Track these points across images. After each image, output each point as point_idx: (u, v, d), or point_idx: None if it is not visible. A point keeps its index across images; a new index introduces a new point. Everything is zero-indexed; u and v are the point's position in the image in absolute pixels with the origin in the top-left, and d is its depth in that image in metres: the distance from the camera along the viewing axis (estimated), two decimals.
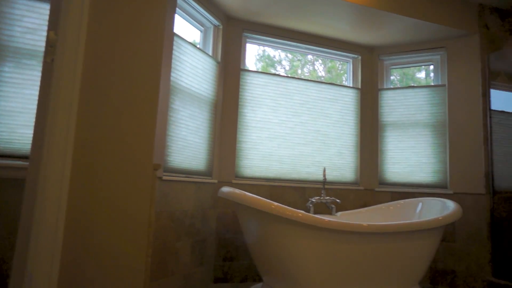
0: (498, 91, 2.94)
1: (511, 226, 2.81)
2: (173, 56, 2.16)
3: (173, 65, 2.17)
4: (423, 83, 3.27)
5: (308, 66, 4.39)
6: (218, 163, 2.66)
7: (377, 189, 3.03)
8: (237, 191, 1.96)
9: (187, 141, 2.32)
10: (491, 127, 2.80)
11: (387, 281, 2.04)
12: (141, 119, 1.27)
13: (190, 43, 2.35)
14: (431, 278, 2.76)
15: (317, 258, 1.87)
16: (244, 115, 2.78)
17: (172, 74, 2.16)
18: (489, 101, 2.82)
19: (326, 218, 1.88)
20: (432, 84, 3.14)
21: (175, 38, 2.18)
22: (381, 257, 1.99)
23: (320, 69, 4.59)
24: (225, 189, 2.05)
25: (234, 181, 2.66)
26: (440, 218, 2.13)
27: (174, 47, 2.17)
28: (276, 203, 1.83)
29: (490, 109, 2.81)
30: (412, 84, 3.25)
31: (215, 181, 2.59)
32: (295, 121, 2.91)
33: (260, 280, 2.43)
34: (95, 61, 1.20)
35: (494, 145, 2.81)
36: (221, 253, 2.56)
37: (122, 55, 1.25)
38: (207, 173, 2.55)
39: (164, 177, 2.05)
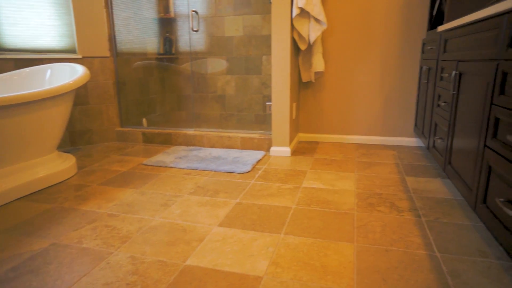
0: None
1: (131, 84, 3.32)
2: None
3: None
4: None
5: None
6: None
7: None
8: None
9: None
10: None
11: (22, 155, 1.97)
12: None
13: None
14: (71, 140, 2.92)
15: None
16: None
17: None
18: None
19: None
20: None
21: None
22: (10, 131, 1.85)
23: None
24: None
25: None
26: (70, 82, 2.16)
27: None
28: None
29: None
30: None
31: None
32: None
33: None
34: None
35: (114, 9, 3.00)
36: None
37: None
38: None
39: None
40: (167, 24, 3.72)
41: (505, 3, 1.14)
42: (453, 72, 1.70)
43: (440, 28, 2.02)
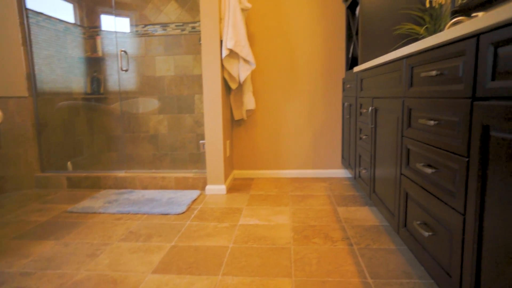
0: None
1: (55, 125, 3.10)
2: None
3: None
4: None
5: None
6: None
7: None
8: None
9: None
10: (29, 27, 2.76)
11: None
12: None
13: None
14: None
15: None
16: None
17: None
18: None
19: None
20: None
21: None
22: None
23: None
24: None
25: None
26: None
27: None
28: None
29: (26, 8, 2.73)
30: None
31: None
32: None
33: None
34: None
35: (34, 47, 2.83)
36: None
37: None
38: None
39: None
40: (94, 63, 3.60)
41: (403, 49, 1.31)
42: (370, 108, 1.87)
43: (355, 69, 2.24)
